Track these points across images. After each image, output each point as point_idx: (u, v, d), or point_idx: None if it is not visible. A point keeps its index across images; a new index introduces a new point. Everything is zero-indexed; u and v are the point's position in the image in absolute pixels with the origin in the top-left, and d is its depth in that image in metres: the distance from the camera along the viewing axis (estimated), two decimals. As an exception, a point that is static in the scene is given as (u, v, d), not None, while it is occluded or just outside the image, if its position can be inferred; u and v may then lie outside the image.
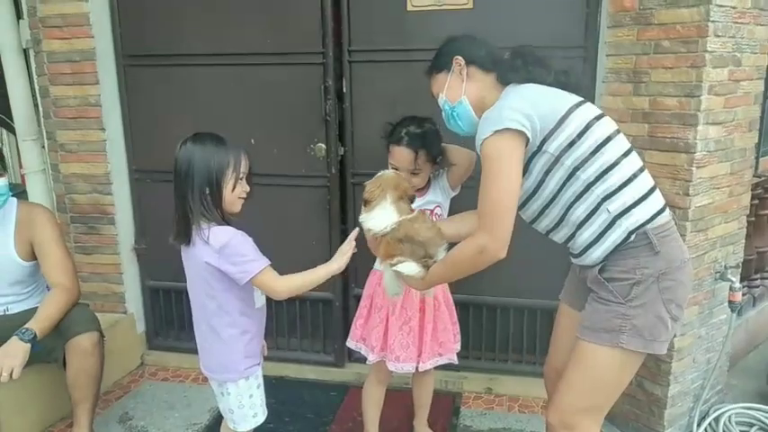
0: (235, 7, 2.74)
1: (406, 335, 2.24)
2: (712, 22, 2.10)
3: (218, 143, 1.82)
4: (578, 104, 1.62)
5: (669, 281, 1.59)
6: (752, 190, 2.60)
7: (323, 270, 1.91)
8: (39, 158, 3.21)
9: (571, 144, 1.57)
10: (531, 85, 1.68)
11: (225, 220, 1.83)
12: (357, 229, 1.96)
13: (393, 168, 2.15)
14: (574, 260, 1.77)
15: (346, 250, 1.94)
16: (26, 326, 2.20)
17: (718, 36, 2.14)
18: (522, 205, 1.73)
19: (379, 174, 1.99)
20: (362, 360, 2.34)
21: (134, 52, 2.91)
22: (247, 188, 1.88)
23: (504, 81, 1.75)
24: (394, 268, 1.85)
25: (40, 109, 3.05)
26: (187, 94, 2.89)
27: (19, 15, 3.09)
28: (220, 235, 1.77)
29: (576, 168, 1.59)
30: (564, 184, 1.62)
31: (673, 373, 2.40)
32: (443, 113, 1.87)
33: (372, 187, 1.92)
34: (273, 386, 2.85)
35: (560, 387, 1.72)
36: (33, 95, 3.13)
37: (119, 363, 3.10)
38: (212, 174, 1.77)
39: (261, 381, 2.00)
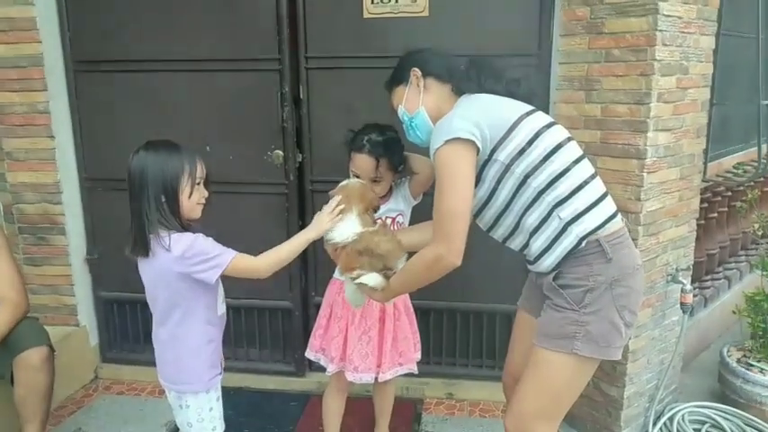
0: (190, 12, 2.69)
1: (365, 345, 2.22)
2: (660, 31, 2.15)
3: (172, 150, 1.79)
4: (528, 113, 1.64)
5: (622, 287, 1.62)
6: (701, 194, 2.68)
7: (301, 237, 1.91)
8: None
9: (521, 152, 1.59)
10: (482, 95, 1.71)
11: (183, 227, 1.80)
12: (338, 197, 1.95)
13: (354, 176, 2.14)
14: (530, 267, 1.78)
15: (324, 218, 1.91)
16: None
17: (666, 45, 2.20)
18: (477, 214, 1.75)
19: (345, 183, 1.99)
20: (323, 369, 2.31)
21: (85, 58, 2.83)
22: (206, 193, 1.86)
23: (458, 92, 1.78)
24: (356, 281, 1.85)
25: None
26: (140, 101, 2.82)
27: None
28: (181, 241, 1.75)
29: (527, 176, 1.60)
30: (516, 192, 1.63)
31: (628, 375, 2.45)
32: (403, 125, 1.89)
33: (339, 197, 1.93)
34: (232, 397, 2.82)
35: (517, 393, 1.74)
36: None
37: (71, 377, 3.01)
38: (167, 181, 1.75)
39: (220, 393, 1.96)
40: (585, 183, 1.63)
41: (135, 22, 2.74)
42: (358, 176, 2.12)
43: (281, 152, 2.76)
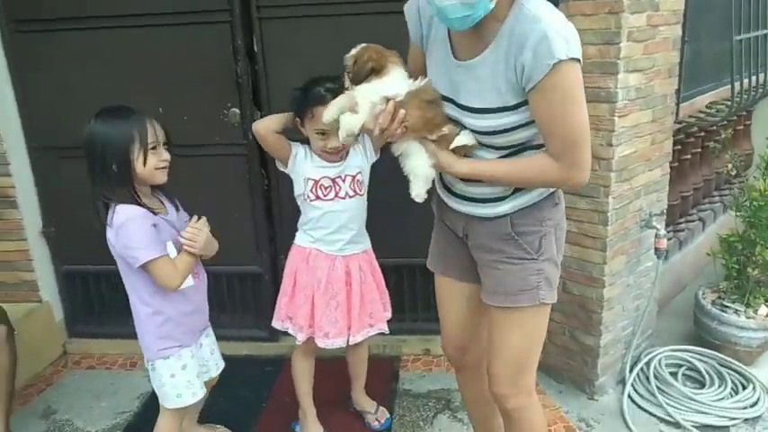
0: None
1: (333, 310, 2.16)
2: (627, -35, 2.03)
3: (121, 117, 1.78)
4: None
5: (560, 230, 1.62)
6: (673, 136, 2.61)
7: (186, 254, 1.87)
8: None
9: None
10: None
11: (137, 197, 1.80)
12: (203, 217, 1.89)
13: (319, 133, 2.02)
14: (472, 210, 1.59)
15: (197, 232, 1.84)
16: None
17: (635, -21, 2.08)
18: (492, 133, 1.49)
19: (362, 46, 1.59)
20: None
21: (22, 17, 2.62)
22: (165, 157, 1.84)
23: None
24: (453, 144, 1.51)
25: None
26: (86, 62, 2.65)
27: None
28: (120, 215, 1.76)
29: None
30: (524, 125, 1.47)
31: (604, 323, 2.43)
32: (464, 8, 1.31)
33: (371, 54, 1.56)
34: (205, 365, 2.76)
35: (494, 359, 1.69)
36: None
37: (38, 354, 2.92)
38: (117, 150, 1.75)
39: (188, 362, 1.94)
40: None
41: (72, -24, 2.54)
42: (323, 134, 2.01)
43: (237, 110, 2.62)
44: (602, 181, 2.26)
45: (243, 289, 2.95)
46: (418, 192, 1.56)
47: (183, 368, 1.93)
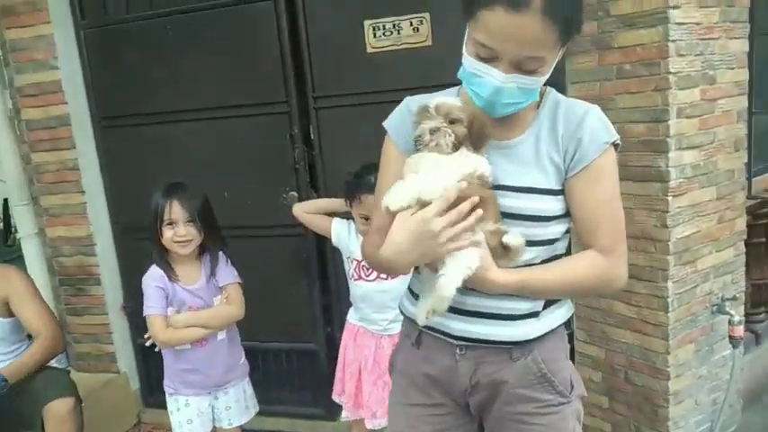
0: (200, 64, 2.74)
1: (380, 389, 2.15)
2: (672, 41, 1.97)
3: (157, 193, 2.09)
4: None
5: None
6: (749, 213, 2.41)
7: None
8: (32, 223, 3.25)
9: None
10: None
11: (167, 260, 2.12)
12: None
13: (363, 218, 2.08)
14: (490, 333, 1.24)
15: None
16: None
17: (682, 55, 2.01)
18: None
19: (428, 104, 1.22)
20: None
21: (107, 114, 2.94)
22: (181, 233, 2.05)
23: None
24: (505, 239, 1.16)
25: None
26: (161, 151, 2.90)
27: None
28: (146, 272, 2.14)
29: None
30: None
31: (672, 419, 2.22)
32: (519, 93, 1.17)
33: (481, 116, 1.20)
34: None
35: None
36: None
37: (114, 422, 3.08)
38: (150, 221, 2.08)
39: (182, 408, 2.24)
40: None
41: (151, 78, 2.82)
42: (367, 219, 2.06)
43: (295, 193, 2.74)
44: (659, 264, 2.12)
45: (300, 366, 2.98)
46: (448, 289, 1.12)
47: (178, 410, 2.25)
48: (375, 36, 2.55)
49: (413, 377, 1.34)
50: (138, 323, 3.14)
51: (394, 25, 2.50)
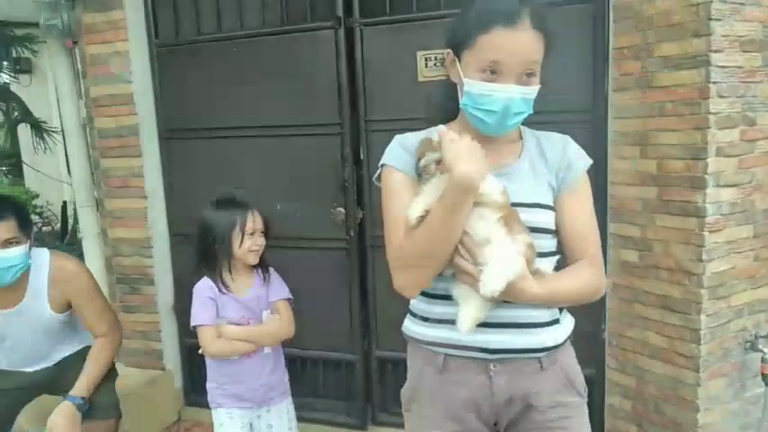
0: (262, 85, 2.93)
1: None
2: (714, 83, 2.05)
3: (228, 207, 2.21)
4: None
5: None
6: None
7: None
8: (94, 224, 3.48)
9: None
10: None
11: (222, 272, 2.26)
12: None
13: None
14: (525, 342, 1.32)
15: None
16: (78, 394, 2.28)
17: (723, 97, 2.08)
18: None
19: (430, 137, 1.38)
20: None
21: (172, 126, 3.16)
22: (259, 242, 2.23)
23: None
24: (540, 265, 1.32)
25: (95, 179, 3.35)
26: (219, 164, 3.09)
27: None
28: (197, 284, 2.29)
29: None
30: None
31: (700, 451, 2.24)
32: (523, 104, 1.32)
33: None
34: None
35: None
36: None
37: (157, 418, 3.24)
38: (220, 233, 2.20)
39: (225, 422, 2.32)
40: None
41: (215, 96, 3.03)
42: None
43: (342, 209, 2.88)
44: (692, 297, 2.17)
45: (337, 376, 3.09)
46: (493, 288, 1.18)
47: (221, 425, 2.32)
48: (426, 66, 2.69)
49: (445, 405, 1.36)
50: (185, 323, 3.29)
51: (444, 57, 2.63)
